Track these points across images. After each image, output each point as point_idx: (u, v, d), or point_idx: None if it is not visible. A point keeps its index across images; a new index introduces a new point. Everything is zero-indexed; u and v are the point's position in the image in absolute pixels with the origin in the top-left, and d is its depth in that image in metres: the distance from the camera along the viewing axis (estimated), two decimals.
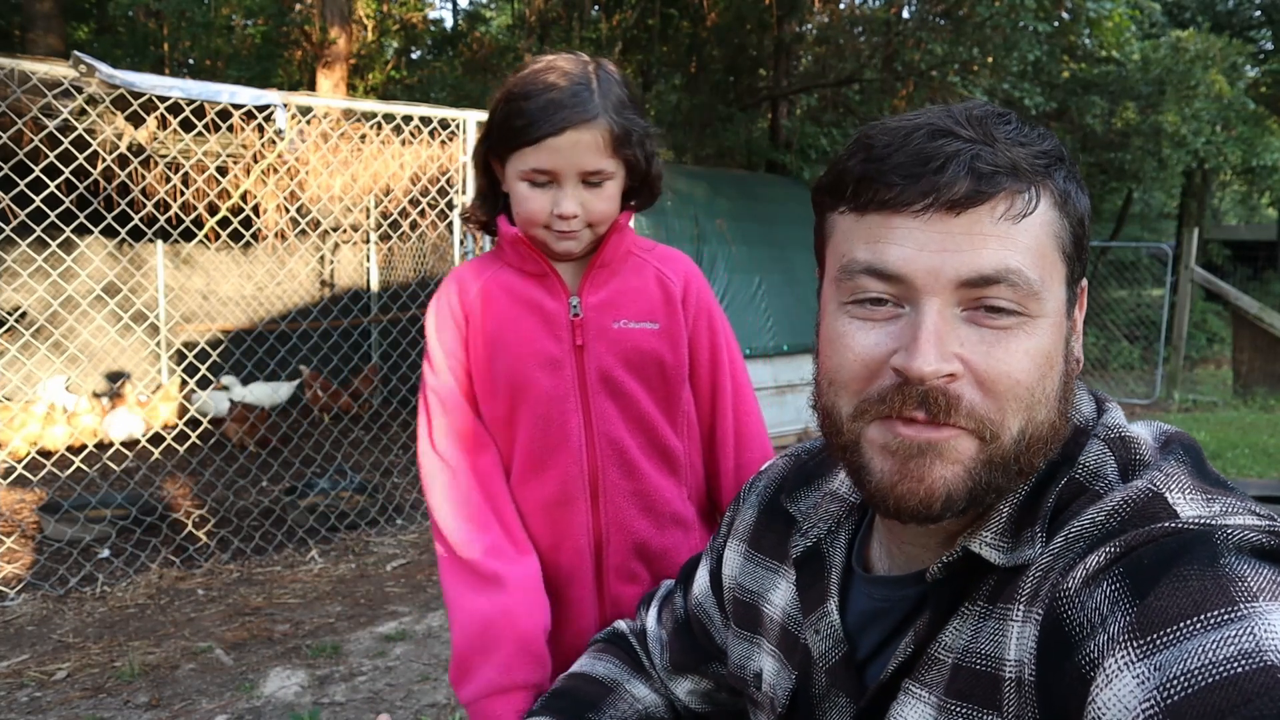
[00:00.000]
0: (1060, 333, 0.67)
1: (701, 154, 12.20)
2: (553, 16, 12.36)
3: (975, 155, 0.63)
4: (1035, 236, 0.65)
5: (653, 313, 1.35)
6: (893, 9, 10.48)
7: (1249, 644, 0.48)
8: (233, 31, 14.30)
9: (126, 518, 4.47)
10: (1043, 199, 0.65)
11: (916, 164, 0.63)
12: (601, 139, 1.23)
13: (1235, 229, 26.81)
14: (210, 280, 8.39)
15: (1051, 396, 0.66)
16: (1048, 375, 0.66)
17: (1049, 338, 0.65)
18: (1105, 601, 0.55)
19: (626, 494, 1.32)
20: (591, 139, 1.23)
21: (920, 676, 0.67)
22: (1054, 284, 0.66)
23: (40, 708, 2.80)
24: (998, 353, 0.64)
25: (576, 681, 1.03)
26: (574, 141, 1.22)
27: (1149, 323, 11.10)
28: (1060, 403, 0.67)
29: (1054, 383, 0.66)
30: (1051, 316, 0.66)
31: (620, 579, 1.33)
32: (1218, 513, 0.58)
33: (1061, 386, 0.67)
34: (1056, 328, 0.67)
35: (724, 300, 6.85)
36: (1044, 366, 0.65)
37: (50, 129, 3.67)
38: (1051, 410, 0.66)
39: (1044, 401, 0.66)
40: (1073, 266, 0.69)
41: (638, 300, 1.35)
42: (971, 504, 0.66)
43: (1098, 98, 10.74)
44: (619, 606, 1.32)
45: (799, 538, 0.84)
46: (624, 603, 1.33)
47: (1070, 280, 0.69)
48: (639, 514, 1.33)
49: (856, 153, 0.68)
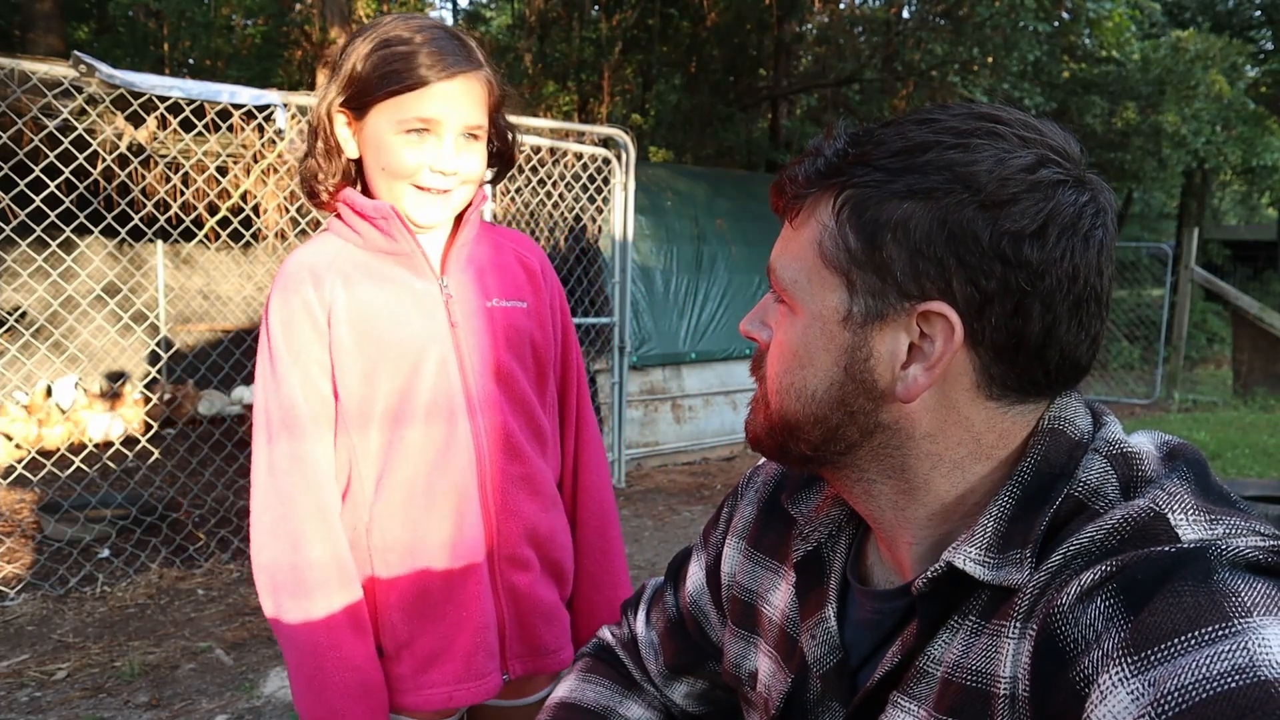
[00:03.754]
0: (822, 338, 0.69)
1: (701, 154, 12.21)
2: (553, 16, 12.35)
3: (792, 168, 0.72)
4: (801, 241, 0.71)
5: (520, 291, 1.31)
6: (893, 9, 10.49)
7: (1243, 659, 0.48)
8: (233, 31, 14.30)
9: (126, 518, 4.47)
10: (815, 209, 0.70)
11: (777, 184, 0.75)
12: (484, 92, 1.19)
13: (1235, 229, 26.81)
14: (210, 280, 8.39)
15: (804, 393, 0.71)
16: (794, 371, 0.71)
17: (801, 336, 0.70)
18: (1099, 617, 0.55)
19: (514, 479, 1.27)
20: (479, 90, 1.18)
21: (909, 689, 0.67)
22: (819, 290, 0.69)
23: (40, 708, 2.80)
24: (775, 334, 0.74)
25: (567, 714, 0.99)
26: (463, 90, 1.16)
27: (1149, 323, 11.10)
28: (820, 407, 0.70)
29: (805, 382, 0.70)
30: (807, 319, 0.70)
31: (513, 567, 1.28)
32: (1220, 534, 0.58)
33: (829, 392, 0.69)
34: (814, 332, 0.69)
35: (724, 300, 6.85)
36: (789, 360, 0.71)
37: (50, 129, 3.67)
38: (806, 406, 0.71)
39: (793, 394, 0.71)
40: (864, 278, 0.66)
41: (503, 279, 1.30)
42: (781, 456, 0.76)
43: (1098, 98, 10.74)
44: (514, 596, 1.28)
45: (799, 541, 0.84)
46: (519, 592, 1.28)
47: (869, 293, 0.66)
48: (527, 498, 1.29)
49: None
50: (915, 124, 0.67)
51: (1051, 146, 0.66)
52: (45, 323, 4.84)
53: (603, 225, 5.72)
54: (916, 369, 0.66)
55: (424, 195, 1.18)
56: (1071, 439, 0.68)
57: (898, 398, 0.67)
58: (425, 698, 1.24)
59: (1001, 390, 0.67)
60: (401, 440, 1.21)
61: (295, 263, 1.21)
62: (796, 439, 0.73)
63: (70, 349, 5.26)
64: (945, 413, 0.68)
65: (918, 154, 0.65)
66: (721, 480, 6.14)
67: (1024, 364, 0.66)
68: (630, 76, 13.54)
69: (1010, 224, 0.62)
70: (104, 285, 6.06)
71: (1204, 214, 18.19)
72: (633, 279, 5.78)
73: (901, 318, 0.66)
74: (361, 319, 1.19)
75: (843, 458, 0.72)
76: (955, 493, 0.69)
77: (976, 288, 0.63)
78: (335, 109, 1.19)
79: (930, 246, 0.64)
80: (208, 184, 4.37)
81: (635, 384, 6.21)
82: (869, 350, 0.67)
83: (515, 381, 1.28)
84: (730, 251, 7.04)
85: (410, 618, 1.23)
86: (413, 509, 1.22)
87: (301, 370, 1.18)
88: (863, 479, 0.72)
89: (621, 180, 5.27)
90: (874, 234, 0.65)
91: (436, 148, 1.17)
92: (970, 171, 0.63)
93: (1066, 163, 0.66)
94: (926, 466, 0.69)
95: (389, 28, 1.17)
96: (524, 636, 1.30)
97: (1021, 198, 0.63)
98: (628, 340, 5.64)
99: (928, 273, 0.64)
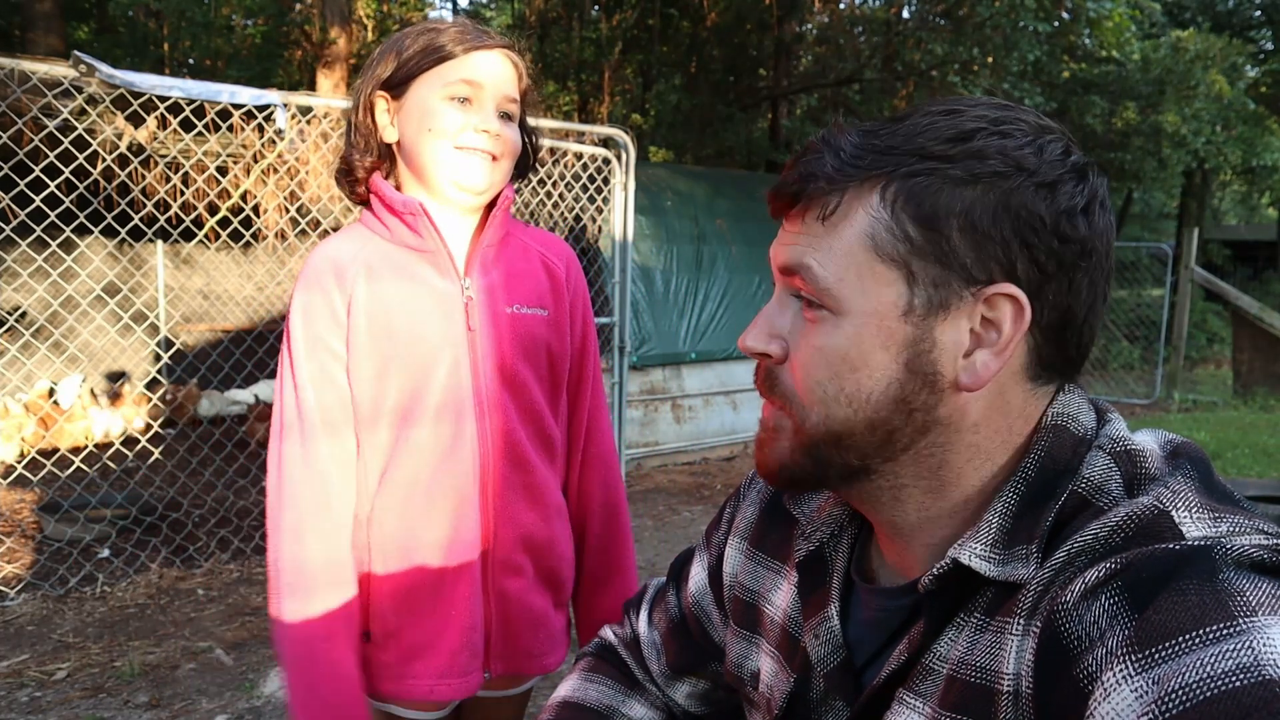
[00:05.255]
0: (879, 336, 0.67)
1: (701, 154, 12.21)
2: (553, 16, 12.36)
3: (810, 162, 0.69)
4: (843, 237, 0.67)
5: (541, 299, 1.31)
6: (893, 9, 10.49)
7: (1247, 658, 0.48)
8: (233, 31, 14.31)
9: (126, 518, 4.47)
10: (857, 201, 0.67)
11: (782, 178, 0.72)
12: (518, 73, 1.25)
13: (1235, 229, 26.81)
14: (210, 280, 8.39)
15: (858, 397, 0.68)
16: (844, 376, 0.68)
17: (849, 338, 0.67)
18: (1104, 615, 0.55)
19: (516, 487, 1.27)
20: (512, 69, 1.24)
21: (915, 686, 0.67)
22: (868, 284, 0.67)
23: (40, 708, 2.80)
24: (801, 341, 0.70)
25: (570, 714, 0.99)
26: (501, 62, 1.22)
27: (1149, 323, 11.09)
28: (878, 409, 0.67)
29: (859, 385, 0.67)
30: (859, 318, 0.67)
31: (506, 572, 1.28)
32: (1224, 532, 0.58)
33: (886, 391, 0.67)
34: (869, 330, 0.67)
35: (724, 300, 6.85)
36: (835, 365, 0.68)
37: (50, 129, 3.67)
38: (859, 411, 0.68)
39: (841, 401, 0.68)
40: (925, 269, 0.66)
41: (526, 284, 1.30)
42: (816, 478, 0.72)
43: (1098, 98, 10.74)
44: (504, 601, 1.29)
45: (802, 540, 0.84)
46: (509, 597, 1.29)
47: (931, 284, 0.66)
48: (527, 507, 1.29)
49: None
50: (944, 115, 0.67)
51: (1065, 134, 0.69)
52: (45, 323, 4.83)
53: (603, 225, 5.72)
54: (984, 354, 0.66)
55: (469, 156, 1.20)
56: (1075, 435, 0.68)
57: (963, 387, 0.66)
58: (407, 687, 1.25)
59: (1040, 370, 0.68)
60: (408, 439, 1.21)
61: (320, 255, 1.22)
62: (845, 450, 0.69)
63: (70, 349, 5.26)
64: (993, 399, 0.68)
65: (965, 141, 0.65)
66: (721, 480, 6.14)
67: (1068, 340, 0.68)
68: (630, 76, 13.55)
69: (1065, 202, 0.65)
70: (104, 285, 6.05)
71: (1204, 214, 18.19)
72: (633, 279, 5.78)
73: (966, 305, 0.66)
74: (379, 314, 1.20)
75: (888, 464, 0.70)
76: (978, 485, 0.69)
77: (1038, 267, 0.65)
78: (375, 94, 1.23)
79: (996, 230, 0.64)
80: (208, 184, 4.36)
81: (635, 384, 6.21)
82: (932, 341, 0.66)
83: (527, 389, 1.28)
84: (730, 251, 7.04)
85: (400, 609, 1.24)
86: (412, 507, 1.22)
87: (317, 366, 1.19)
88: (895, 485, 0.71)
89: (621, 180, 5.26)
90: (936, 222, 0.65)
91: (479, 112, 1.21)
92: (1021, 155, 0.65)
93: (1078, 149, 0.68)
94: (963, 460, 0.69)
95: (428, 23, 1.24)
96: (508, 640, 1.31)
97: (1066, 179, 0.65)
98: (628, 340, 5.64)
99: (995, 256, 0.65)
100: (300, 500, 1.17)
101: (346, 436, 1.21)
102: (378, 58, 1.24)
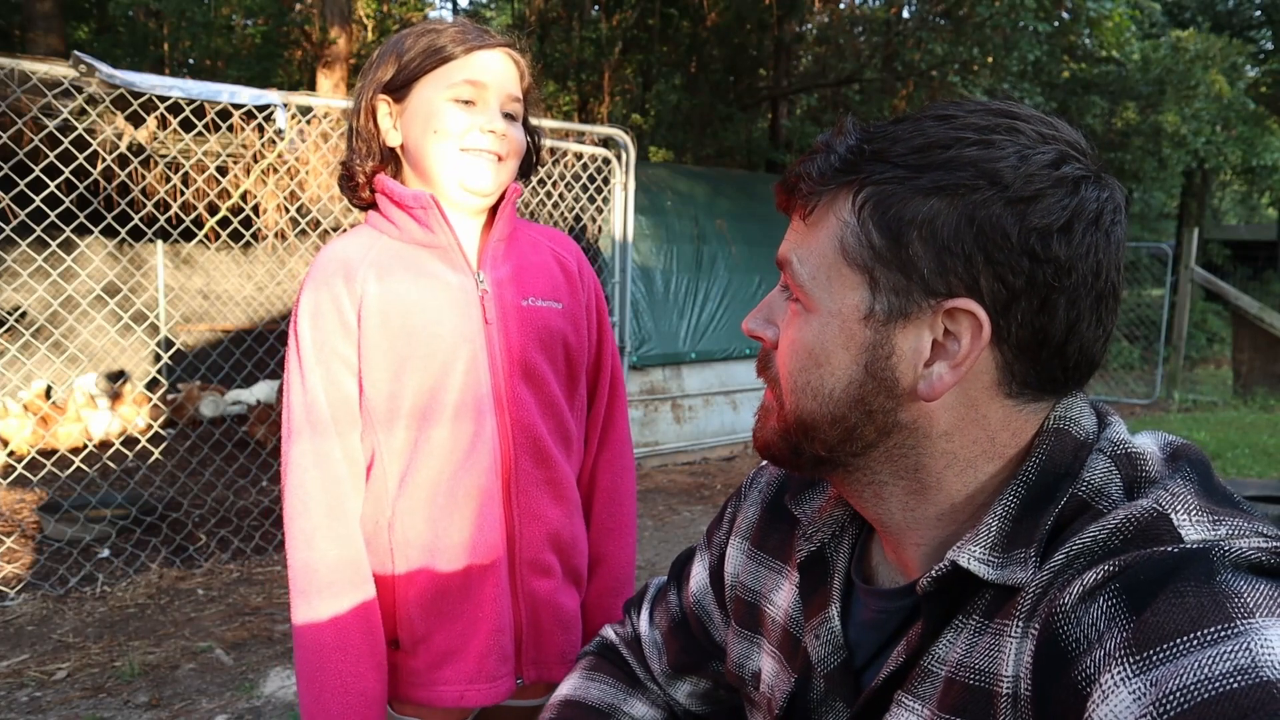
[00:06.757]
0: (840, 337, 0.68)
1: (701, 154, 12.21)
2: (553, 16, 12.36)
3: (804, 163, 0.71)
4: (819, 238, 0.70)
5: (556, 291, 1.30)
6: (893, 9, 10.50)
7: (1245, 660, 0.48)
8: (233, 31, 14.30)
9: (126, 518, 4.46)
10: (833, 205, 0.69)
11: (783, 177, 0.75)
12: (520, 72, 1.25)
13: (1235, 229, 26.81)
14: (210, 280, 8.39)
15: (821, 392, 0.70)
16: (810, 370, 0.70)
17: (815, 335, 0.70)
18: (1102, 617, 0.55)
19: (539, 482, 1.25)
20: (515, 68, 1.24)
21: (913, 688, 0.67)
22: (835, 286, 0.68)
23: (40, 708, 2.80)
24: (784, 331, 0.73)
25: (572, 712, 0.99)
26: (504, 61, 1.22)
27: (1149, 322, 11.10)
28: (838, 406, 0.69)
29: (823, 381, 0.69)
30: (828, 317, 0.69)
31: (534, 573, 1.26)
32: (1223, 535, 0.58)
33: (847, 390, 0.68)
34: (832, 330, 0.68)
35: (724, 300, 6.85)
36: (803, 358, 0.70)
37: (50, 129, 3.67)
38: (823, 405, 0.70)
39: (808, 393, 0.70)
40: (888, 276, 0.66)
41: (540, 278, 1.29)
42: (793, 461, 0.74)
43: (1098, 98, 10.75)
44: (533, 603, 1.26)
45: (803, 541, 0.84)
46: (539, 598, 1.26)
47: (893, 291, 0.66)
48: (551, 503, 1.27)
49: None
50: (934, 120, 0.67)
51: (1069, 142, 0.66)
52: (45, 323, 4.84)
53: (603, 225, 5.72)
54: (941, 367, 0.66)
55: (475, 157, 1.20)
56: (1076, 439, 0.68)
57: (920, 396, 0.66)
58: (437, 694, 1.23)
59: (1020, 388, 0.67)
60: (428, 439, 1.20)
61: (328, 256, 1.20)
62: (812, 440, 0.71)
63: (70, 349, 5.26)
64: (964, 411, 0.67)
65: (940, 150, 0.64)
66: (721, 480, 6.14)
67: (1045, 361, 0.66)
68: (630, 76, 13.55)
69: (1038, 220, 0.63)
70: (104, 285, 6.05)
71: (1204, 214, 18.19)
72: (633, 279, 5.78)
73: (926, 315, 0.66)
74: (393, 313, 1.18)
75: (857, 459, 0.71)
76: (966, 492, 0.69)
77: (1004, 284, 0.64)
78: (377, 98, 1.22)
79: (958, 243, 0.63)
80: (208, 184, 4.36)
81: (635, 384, 6.21)
82: (891, 348, 0.67)
83: (546, 383, 1.26)
84: (730, 251, 7.04)
85: (427, 614, 1.22)
86: (434, 508, 1.20)
87: (325, 368, 1.17)
88: (874, 481, 0.72)
89: (621, 180, 5.26)
90: (899, 231, 0.65)
91: (484, 113, 1.20)
92: (995, 168, 0.63)
93: (1084, 159, 0.66)
94: (940, 466, 0.69)
95: (427, 24, 1.23)
96: (540, 643, 1.29)
97: (1047, 194, 0.63)
98: (628, 340, 5.64)
99: (955, 270, 0.64)
100: (313, 503, 1.16)
101: (354, 439, 1.20)
102: (377, 61, 1.23)
